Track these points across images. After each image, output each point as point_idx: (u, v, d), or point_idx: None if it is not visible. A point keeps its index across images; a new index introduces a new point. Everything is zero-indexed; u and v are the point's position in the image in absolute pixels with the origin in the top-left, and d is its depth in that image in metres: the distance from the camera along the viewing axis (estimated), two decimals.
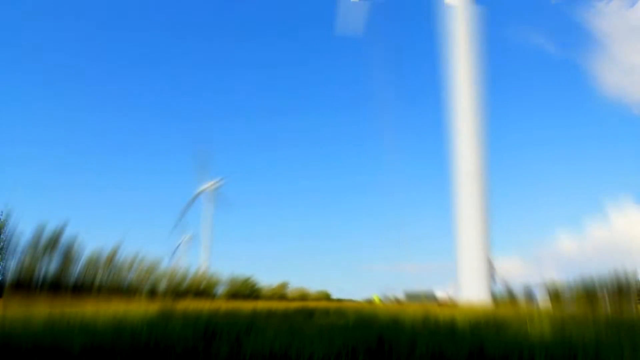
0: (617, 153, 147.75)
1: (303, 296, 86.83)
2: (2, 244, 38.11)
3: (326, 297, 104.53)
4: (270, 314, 8.86)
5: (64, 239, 44.32)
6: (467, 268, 30.61)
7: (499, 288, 31.14)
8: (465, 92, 28.57)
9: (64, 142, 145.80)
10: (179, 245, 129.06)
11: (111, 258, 47.83)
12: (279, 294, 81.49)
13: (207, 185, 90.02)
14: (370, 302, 48.48)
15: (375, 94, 35.54)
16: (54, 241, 42.92)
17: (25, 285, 37.99)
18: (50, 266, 43.13)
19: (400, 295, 58.25)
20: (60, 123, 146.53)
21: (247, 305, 12.38)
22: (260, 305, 12.96)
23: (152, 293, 50.25)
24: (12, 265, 40.13)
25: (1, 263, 38.59)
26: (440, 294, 56.71)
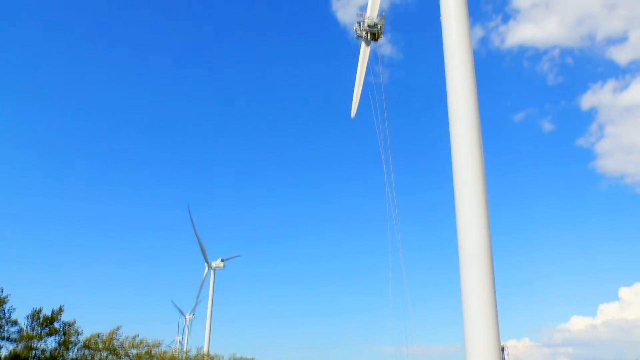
0: (621, 232, 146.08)
1: None
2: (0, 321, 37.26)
3: None
4: None
5: (62, 318, 43.26)
6: (475, 351, 29.53)
7: None
8: (469, 172, 28.81)
9: (62, 219, 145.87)
10: (181, 324, 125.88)
11: (111, 338, 46.66)
12: None
13: (211, 264, 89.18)
14: None
15: (384, 175, 35.88)
16: (51, 321, 42.00)
17: None
18: (47, 346, 41.87)
19: None
20: (58, 199, 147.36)
21: None
22: None
23: None
24: (9, 344, 39.01)
25: None
26: None
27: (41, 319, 40.65)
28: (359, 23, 32.87)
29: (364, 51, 33.59)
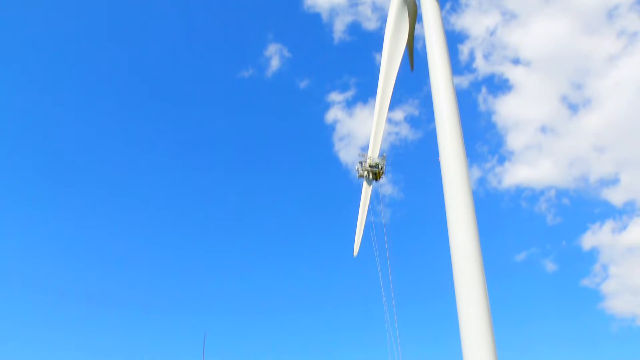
0: None
1: None
2: None
3: None
4: None
5: None
6: None
7: None
8: (474, 313, 27.21)
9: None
10: None
11: None
12: None
13: None
14: None
15: (385, 315, 34.20)
16: None
17: None
18: None
19: None
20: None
21: None
22: None
23: None
24: None
25: None
26: None
27: None
28: (360, 163, 33.46)
29: (366, 190, 33.70)
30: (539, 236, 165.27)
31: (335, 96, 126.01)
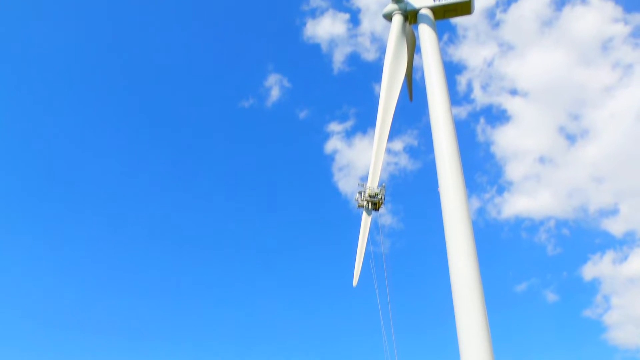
0: None
1: None
2: None
3: None
4: None
5: None
6: None
7: None
8: (476, 343, 26.85)
9: None
10: None
11: None
12: None
13: None
14: None
15: (384, 347, 33.60)
16: None
17: None
18: None
19: None
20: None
21: None
22: None
23: None
24: None
25: None
26: None
27: None
28: (360, 193, 33.20)
29: (365, 220, 33.37)
30: (539, 267, 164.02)
31: (334, 126, 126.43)
